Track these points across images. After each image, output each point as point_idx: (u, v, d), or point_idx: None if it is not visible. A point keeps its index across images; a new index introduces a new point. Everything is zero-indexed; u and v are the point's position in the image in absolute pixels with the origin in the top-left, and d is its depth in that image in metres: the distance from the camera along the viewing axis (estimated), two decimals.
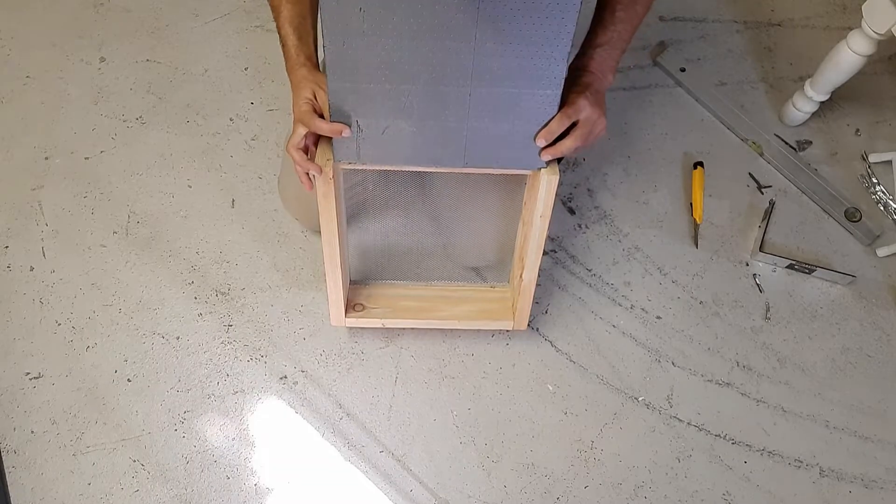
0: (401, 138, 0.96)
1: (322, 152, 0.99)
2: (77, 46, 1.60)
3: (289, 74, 1.00)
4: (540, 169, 1.01)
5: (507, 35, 0.86)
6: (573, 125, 0.97)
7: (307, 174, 0.99)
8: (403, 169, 1.01)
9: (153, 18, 1.64)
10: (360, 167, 1.01)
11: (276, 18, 1.00)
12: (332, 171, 0.98)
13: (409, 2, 0.83)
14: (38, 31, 1.61)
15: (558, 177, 1.00)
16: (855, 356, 1.33)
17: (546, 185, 1.00)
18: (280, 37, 1.00)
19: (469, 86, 0.91)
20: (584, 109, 0.96)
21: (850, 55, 1.32)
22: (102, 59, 1.58)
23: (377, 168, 1.01)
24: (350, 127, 0.94)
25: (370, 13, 0.83)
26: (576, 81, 0.99)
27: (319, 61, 1.02)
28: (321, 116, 0.96)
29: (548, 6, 0.83)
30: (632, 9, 1.00)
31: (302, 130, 0.97)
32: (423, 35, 0.85)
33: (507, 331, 1.30)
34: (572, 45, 0.88)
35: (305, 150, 0.99)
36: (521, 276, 1.15)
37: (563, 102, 0.96)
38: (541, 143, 0.97)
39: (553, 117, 0.95)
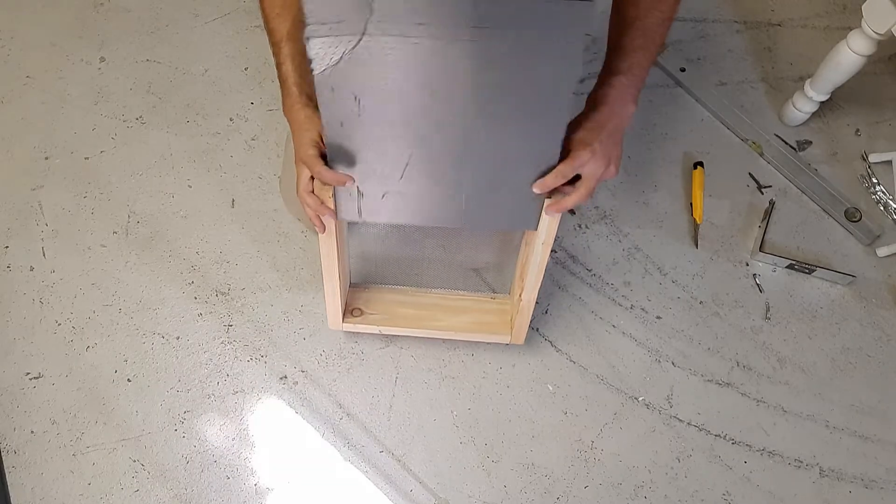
0: (400, 201, 0.99)
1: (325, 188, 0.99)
2: (77, 46, 1.60)
3: (288, 112, 0.97)
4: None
5: (501, 128, 0.88)
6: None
7: (315, 218, 1.00)
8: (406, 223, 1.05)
9: (153, 18, 1.64)
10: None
11: (276, 55, 0.97)
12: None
13: (403, 93, 0.85)
14: (38, 31, 1.61)
15: (560, 215, 0.99)
16: (855, 356, 1.33)
17: (547, 221, 0.99)
18: (280, 73, 0.96)
19: (463, 164, 0.93)
20: (586, 164, 0.90)
21: (850, 55, 1.32)
22: (102, 59, 1.59)
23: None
24: (351, 192, 0.98)
25: (365, 102, 0.86)
26: (588, 122, 0.92)
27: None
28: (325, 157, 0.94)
29: (540, 106, 0.85)
30: (650, 37, 0.94)
31: (308, 173, 0.95)
32: (416, 122, 0.88)
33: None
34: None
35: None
36: (520, 296, 1.15)
37: (569, 141, 0.91)
38: (536, 191, 0.93)
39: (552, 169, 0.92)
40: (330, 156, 0.93)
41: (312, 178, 0.97)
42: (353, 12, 0.76)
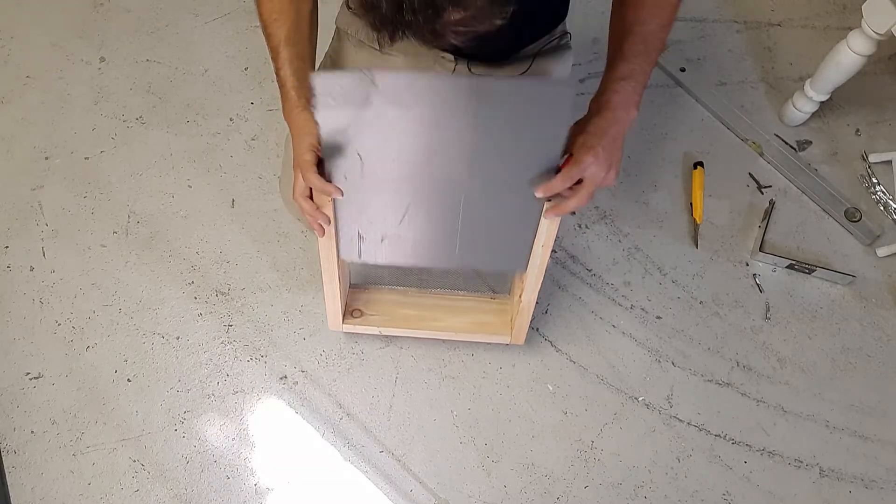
0: (398, 245, 1.06)
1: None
2: (77, 46, 1.60)
3: (287, 117, 0.97)
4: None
5: (495, 183, 0.95)
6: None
7: (313, 222, 1.00)
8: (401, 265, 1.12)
9: (153, 18, 1.64)
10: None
11: (275, 60, 0.97)
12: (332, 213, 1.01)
13: (403, 153, 0.92)
14: (38, 31, 1.61)
15: (560, 218, 1.00)
16: (855, 356, 1.33)
17: (546, 224, 1.00)
18: (278, 78, 0.97)
19: (457, 213, 1.00)
20: (589, 168, 0.90)
21: (850, 55, 1.32)
22: (102, 59, 1.59)
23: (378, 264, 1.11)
24: (352, 236, 1.04)
25: (368, 160, 0.92)
26: (591, 126, 0.92)
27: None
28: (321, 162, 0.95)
29: (530, 164, 0.91)
30: (650, 42, 0.94)
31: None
32: (415, 178, 0.95)
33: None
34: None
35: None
36: (520, 297, 1.16)
37: (572, 145, 0.91)
38: (539, 194, 0.93)
39: (556, 173, 0.92)
40: (335, 202, 0.99)
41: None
42: (358, 88, 0.83)
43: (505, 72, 1.12)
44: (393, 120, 0.88)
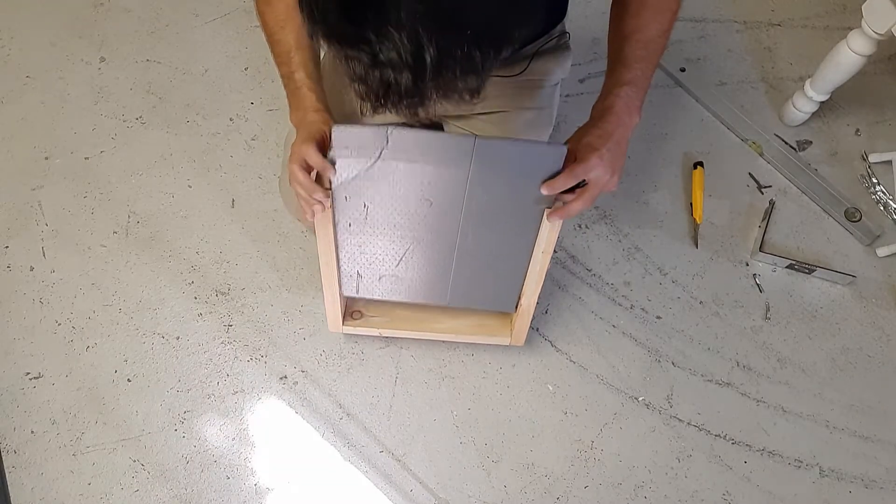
0: (394, 283, 1.14)
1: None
2: (77, 46, 1.60)
3: (302, 118, 0.96)
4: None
5: (487, 231, 1.03)
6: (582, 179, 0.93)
7: (308, 201, 0.98)
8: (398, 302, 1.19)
9: (153, 18, 1.64)
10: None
11: (286, 64, 0.97)
12: (330, 202, 1.00)
13: (405, 202, 0.98)
14: (38, 31, 1.61)
15: (561, 223, 1.01)
16: (855, 356, 1.33)
17: (547, 228, 1.01)
18: (292, 82, 0.97)
19: (452, 257, 1.07)
20: (594, 169, 0.90)
21: (850, 55, 1.32)
22: (102, 59, 1.59)
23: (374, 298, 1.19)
24: (352, 273, 1.12)
25: (372, 208, 1.00)
26: (596, 129, 0.92)
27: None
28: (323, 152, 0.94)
29: (520, 215, 0.99)
30: (651, 48, 0.95)
31: (301, 154, 0.94)
32: (415, 225, 1.02)
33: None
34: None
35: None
36: (520, 300, 1.16)
37: (577, 147, 0.91)
38: (544, 191, 0.92)
39: (561, 171, 0.92)
40: (338, 244, 1.06)
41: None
42: (373, 142, 0.90)
43: (503, 71, 1.12)
44: (398, 172, 0.94)
